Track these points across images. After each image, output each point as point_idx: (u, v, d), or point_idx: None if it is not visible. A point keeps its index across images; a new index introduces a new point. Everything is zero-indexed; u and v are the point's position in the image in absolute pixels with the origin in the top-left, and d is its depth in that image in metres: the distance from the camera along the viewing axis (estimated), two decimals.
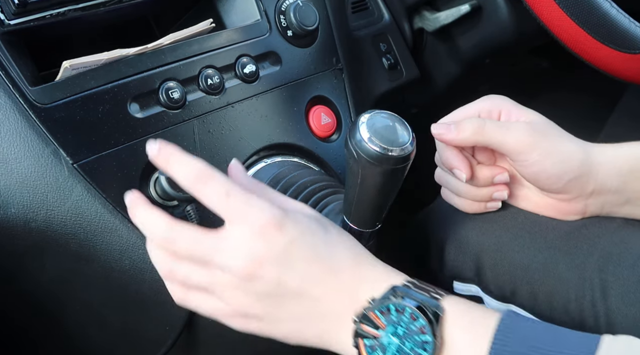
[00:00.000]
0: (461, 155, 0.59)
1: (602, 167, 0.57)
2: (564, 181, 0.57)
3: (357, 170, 0.48)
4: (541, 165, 0.56)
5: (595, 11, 0.70)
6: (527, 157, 0.56)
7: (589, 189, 0.58)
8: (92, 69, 0.59)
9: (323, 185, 0.62)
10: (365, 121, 0.48)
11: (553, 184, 0.57)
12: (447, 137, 0.57)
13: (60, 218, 0.56)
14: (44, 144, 0.55)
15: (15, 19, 0.57)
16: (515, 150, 0.56)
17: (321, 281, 0.46)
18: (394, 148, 0.47)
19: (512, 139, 0.56)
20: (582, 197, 0.58)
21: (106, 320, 0.66)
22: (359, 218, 0.53)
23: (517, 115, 0.59)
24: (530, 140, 0.56)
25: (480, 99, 0.61)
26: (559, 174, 0.56)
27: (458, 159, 0.59)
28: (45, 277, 0.61)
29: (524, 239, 0.60)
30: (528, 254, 0.59)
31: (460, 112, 0.61)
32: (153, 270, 0.59)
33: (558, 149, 0.56)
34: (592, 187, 0.57)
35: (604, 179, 0.57)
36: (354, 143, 0.47)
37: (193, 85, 0.64)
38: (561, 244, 0.59)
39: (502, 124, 0.57)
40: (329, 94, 0.74)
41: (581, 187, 0.57)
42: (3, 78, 0.55)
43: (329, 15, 0.77)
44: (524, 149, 0.56)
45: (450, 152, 0.59)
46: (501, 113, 0.60)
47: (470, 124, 0.57)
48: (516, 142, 0.56)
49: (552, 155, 0.56)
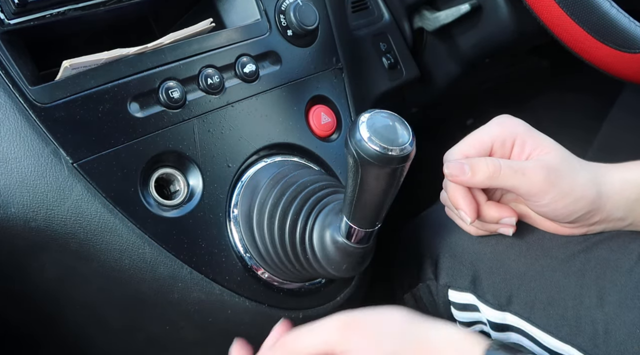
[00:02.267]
0: (469, 197, 0.58)
1: (611, 199, 0.57)
2: (573, 218, 0.57)
3: (357, 170, 0.48)
4: (553, 206, 0.56)
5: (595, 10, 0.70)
6: (540, 200, 0.56)
7: (596, 220, 0.58)
8: (92, 69, 0.59)
9: (323, 185, 0.62)
10: (365, 121, 0.48)
11: (563, 219, 0.57)
12: (460, 179, 0.56)
13: (60, 217, 0.56)
14: (43, 144, 0.55)
15: (15, 18, 0.57)
16: (529, 194, 0.56)
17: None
18: (393, 148, 0.47)
19: (527, 184, 0.55)
20: (587, 225, 0.58)
21: (106, 320, 0.66)
22: (358, 218, 0.53)
23: (531, 146, 0.57)
24: (545, 186, 0.55)
25: (494, 124, 0.59)
26: (570, 213, 0.56)
27: (465, 202, 0.57)
28: (45, 276, 0.61)
29: (520, 247, 0.60)
30: (524, 262, 0.59)
31: (473, 142, 0.58)
32: (153, 270, 0.59)
33: (572, 189, 0.55)
34: (599, 217, 0.57)
35: (612, 210, 0.57)
36: (353, 143, 0.47)
37: (193, 85, 0.64)
38: (558, 251, 0.59)
39: (518, 168, 0.55)
40: (328, 94, 0.74)
41: (589, 218, 0.57)
42: (3, 77, 0.55)
43: (329, 14, 0.77)
44: (538, 192, 0.55)
45: (459, 193, 0.58)
46: (515, 142, 0.58)
47: (486, 167, 0.55)
48: (531, 187, 0.55)
49: (565, 198, 0.55)
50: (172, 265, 0.60)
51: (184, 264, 0.60)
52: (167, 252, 0.60)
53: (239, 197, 0.65)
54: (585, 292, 0.55)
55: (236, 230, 0.64)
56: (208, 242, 0.62)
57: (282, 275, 0.65)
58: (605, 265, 0.56)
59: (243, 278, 0.64)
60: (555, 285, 0.57)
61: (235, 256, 0.64)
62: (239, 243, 0.64)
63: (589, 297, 0.55)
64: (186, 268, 0.60)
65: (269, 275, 0.65)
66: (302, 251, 0.60)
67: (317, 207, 0.60)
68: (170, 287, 0.61)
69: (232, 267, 0.63)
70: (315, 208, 0.60)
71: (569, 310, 0.56)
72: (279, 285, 0.66)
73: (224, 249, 0.63)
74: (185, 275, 0.61)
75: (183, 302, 0.62)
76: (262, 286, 0.65)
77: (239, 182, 0.65)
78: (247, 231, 0.63)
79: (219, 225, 0.63)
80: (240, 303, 0.63)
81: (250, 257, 0.64)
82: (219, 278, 0.62)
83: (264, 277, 0.65)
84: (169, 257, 0.60)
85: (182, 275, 0.60)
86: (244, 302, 0.64)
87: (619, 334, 0.53)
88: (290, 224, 0.60)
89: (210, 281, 0.62)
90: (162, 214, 0.60)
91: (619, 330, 0.53)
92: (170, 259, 0.60)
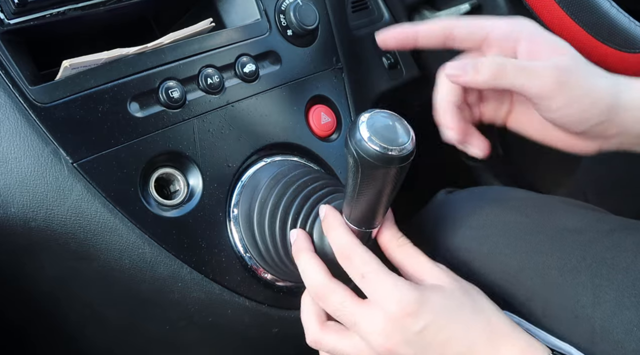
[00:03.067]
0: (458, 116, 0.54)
1: (629, 113, 0.52)
2: (586, 126, 0.52)
3: (356, 170, 0.48)
4: (565, 111, 0.51)
5: (595, 10, 0.70)
6: (551, 103, 0.51)
7: (611, 132, 0.53)
8: (91, 69, 0.59)
9: (323, 184, 0.62)
10: (365, 120, 0.47)
11: (574, 127, 0.53)
12: (463, 79, 0.51)
13: (60, 217, 0.56)
14: (43, 144, 0.55)
15: (15, 18, 0.57)
16: (538, 96, 0.51)
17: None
18: (394, 148, 0.47)
19: (537, 85, 0.50)
20: (601, 139, 0.54)
21: (106, 319, 0.66)
22: (358, 217, 0.53)
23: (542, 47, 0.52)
24: (557, 87, 0.50)
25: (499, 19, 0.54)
26: (583, 120, 0.52)
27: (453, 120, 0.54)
28: (45, 276, 0.61)
29: (515, 245, 0.60)
30: (520, 260, 0.59)
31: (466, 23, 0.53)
32: (153, 270, 0.59)
33: (585, 94, 0.51)
34: (615, 131, 0.53)
35: (629, 124, 0.53)
36: (354, 142, 0.47)
37: (193, 85, 0.64)
38: (553, 249, 0.58)
39: (525, 66, 0.51)
40: (328, 93, 0.74)
41: (603, 130, 0.53)
42: (3, 77, 0.55)
43: (329, 14, 0.77)
44: (549, 94, 0.50)
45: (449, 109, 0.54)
46: (520, 40, 0.53)
47: (490, 64, 0.51)
48: (541, 88, 0.50)
49: (579, 102, 0.51)
50: (172, 265, 0.60)
51: (184, 263, 0.60)
52: (167, 251, 0.60)
53: (239, 197, 0.65)
54: (582, 291, 0.55)
55: (236, 230, 0.64)
56: (208, 241, 0.62)
57: (282, 275, 0.65)
58: (601, 263, 0.55)
59: (243, 278, 0.64)
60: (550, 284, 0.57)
61: (235, 256, 0.64)
62: (239, 243, 0.64)
63: (585, 296, 0.55)
64: (186, 268, 0.61)
65: (269, 275, 0.65)
66: None
67: (318, 207, 0.60)
68: (170, 286, 0.61)
69: (232, 267, 0.63)
70: (315, 207, 0.60)
71: (565, 308, 0.55)
72: (278, 284, 0.66)
73: (224, 249, 0.63)
74: (185, 275, 0.61)
75: (183, 301, 0.62)
76: (262, 286, 0.65)
77: (239, 182, 0.65)
78: (247, 231, 0.63)
79: (219, 225, 0.63)
80: (240, 303, 0.64)
81: (250, 257, 0.64)
82: (218, 278, 0.62)
83: (264, 277, 0.65)
84: (168, 256, 0.60)
85: (182, 275, 0.60)
86: (243, 302, 0.64)
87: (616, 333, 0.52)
88: (292, 223, 0.60)
89: (210, 281, 0.62)
90: (162, 213, 0.60)
91: (616, 328, 0.52)
92: (170, 258, 0.60)
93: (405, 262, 0.54)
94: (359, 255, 0.51)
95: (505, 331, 0.50)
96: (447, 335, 0.49)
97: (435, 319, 0.49)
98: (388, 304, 0.49)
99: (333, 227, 0.54)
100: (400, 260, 0.54)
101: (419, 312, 0.48)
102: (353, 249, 0.52)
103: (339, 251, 0.53)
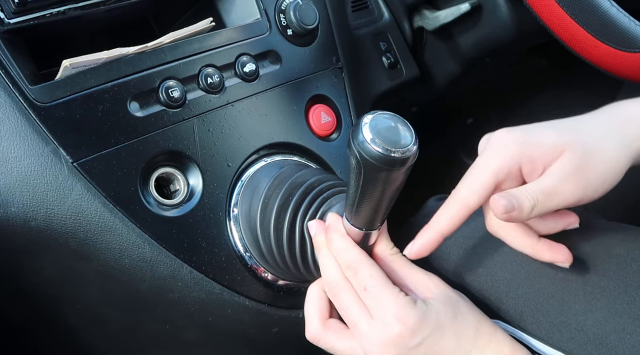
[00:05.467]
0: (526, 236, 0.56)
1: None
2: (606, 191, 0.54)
3: (359, 171, 0.48)
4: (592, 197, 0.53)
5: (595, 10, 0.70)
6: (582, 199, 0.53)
7: None
8: (92, 68, 0.59)
9: (330, 185, 0.62)
10: (367, 122, 0.47)
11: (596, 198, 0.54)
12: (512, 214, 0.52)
13: (60, 217, 0.56)
14: (43, 143, 0.55)
15: (15, 17, 0.57)
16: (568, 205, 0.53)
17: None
18: (396, 149, 0.47)
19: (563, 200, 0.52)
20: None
21: (106, 319, 0.66)
22: (360, 219, 0.53)
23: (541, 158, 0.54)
24: (580, 191, 0.52)
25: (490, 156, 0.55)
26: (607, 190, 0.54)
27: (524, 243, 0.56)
28: (45, 276, 0.61)
29: (505, 254, 0.60)
30: (510, 269, 0.59)
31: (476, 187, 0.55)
32: (153, 269, 0.59)
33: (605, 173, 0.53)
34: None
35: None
36: (356, 144, 0.47)
37: (193, 84, 0.64)
38: None
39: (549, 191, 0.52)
40: (328, 93, 0.74)
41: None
42: (3, 77, 0.55)
43: (329, 14, 0.77)
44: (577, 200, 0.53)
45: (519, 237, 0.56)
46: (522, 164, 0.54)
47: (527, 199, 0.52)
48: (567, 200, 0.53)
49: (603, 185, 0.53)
50: (172, 264, 0.60)
51: (184, 263, 0.60)
52: (167, 251, 0.60)
53: (239, 197, 0.65)
54: (573, 298, 0.55)
55: (236, 230, 0.64)
56: (208, 241, 0.62)
57: (282, 274, 0.65)
58: (591, 272, 0.56)
59: (243, 277, 0.64)
60: (542, 292, 0.57)
61: (235, 255, 0.64)
62: (239, 242, 0.64)
63: (577, 303, 0.55)
64: (186, 267, 0.61)
65: (269, 274, 0.65)
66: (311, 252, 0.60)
67: (322, 209, 0.60)
68: (170, 286, 0.61)
69: (232, 267, 0.63)
70: (321, 208, 0.60)
71: (557, 316, 0.55)
72: (279, 284, 0.66)
73: (224, 248, 0.63)
74: (185, 274, 0.61)
75: (183, 301, 0.62)
76: (262, 285, 0.65)
77: (239, 182, 0.65)
78: (247, 230, 0.63)
79: (219, 225, 0.63)
80: (240, 302, 0.64)
81: (250, 257, 0.64)
82: (218, 277, 0.62)
83: (264, 276, 0.65)
84: (168, 256, 0.60)
85: (182, 274, 0.60)
86: (244, 301, 0.64)
87: (610, 340, 0.52)
88: (300, 224, 0.60)
89: (210, 280, 0.62)
90: (162, 213, 0.60)
91: (609, 336, 0.52)
92: (170, 258, 0.60)
93: (398, 273, 0.55)
94: (365, 267, 0.54)
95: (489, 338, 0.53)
96: (440, 348, 0.51)
97: (430, 335, 0.51)
98: (388, 319, 0.51)
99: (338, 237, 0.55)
100: (391, 270, 0.56)
101: (417, 330, 0.51)
102: (360, 261, 0.54)
103: (345, 262, 0.54)
